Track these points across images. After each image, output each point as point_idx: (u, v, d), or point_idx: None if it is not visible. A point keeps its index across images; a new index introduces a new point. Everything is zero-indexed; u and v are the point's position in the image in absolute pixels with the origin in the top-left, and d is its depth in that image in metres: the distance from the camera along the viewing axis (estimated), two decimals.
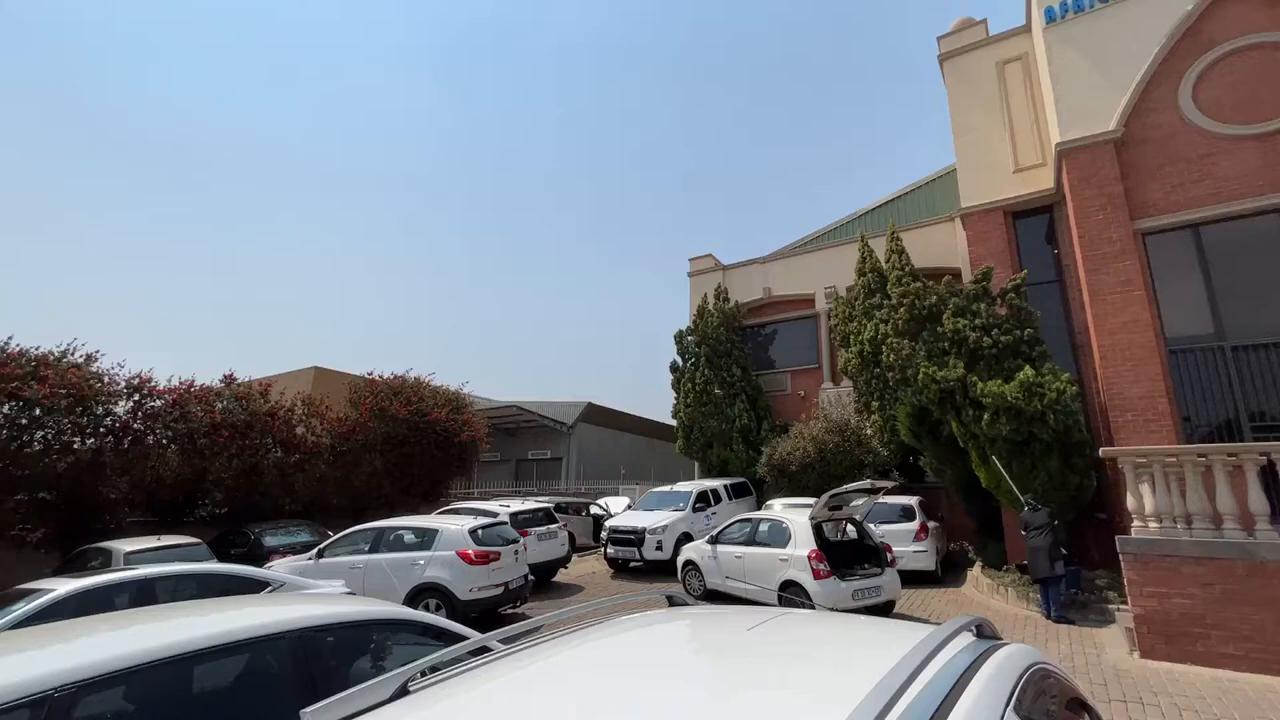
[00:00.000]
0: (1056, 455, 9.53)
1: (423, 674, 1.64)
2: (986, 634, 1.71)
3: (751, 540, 9.53)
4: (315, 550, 9.59)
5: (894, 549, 10.22)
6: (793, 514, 9.50)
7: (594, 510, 18.12)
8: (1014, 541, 10.82)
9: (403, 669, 1.61)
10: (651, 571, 12.91)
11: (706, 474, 17.87)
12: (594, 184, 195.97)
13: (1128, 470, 7.02)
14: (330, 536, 10.30)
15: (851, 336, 15.31)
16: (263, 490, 14.56)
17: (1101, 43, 10.94)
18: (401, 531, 9.59)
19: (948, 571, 12.06)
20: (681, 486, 15.23)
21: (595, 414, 29.52)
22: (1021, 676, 1.46)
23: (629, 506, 17.26)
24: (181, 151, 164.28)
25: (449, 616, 8.31)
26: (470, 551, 8.84)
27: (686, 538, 12.72)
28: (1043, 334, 10.51)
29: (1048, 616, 8.35)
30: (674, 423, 18.90)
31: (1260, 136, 9.62)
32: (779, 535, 9.06)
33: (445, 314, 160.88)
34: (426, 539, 9.17)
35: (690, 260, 21.68)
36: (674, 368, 19.03)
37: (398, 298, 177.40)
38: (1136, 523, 6.86)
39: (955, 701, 1.18)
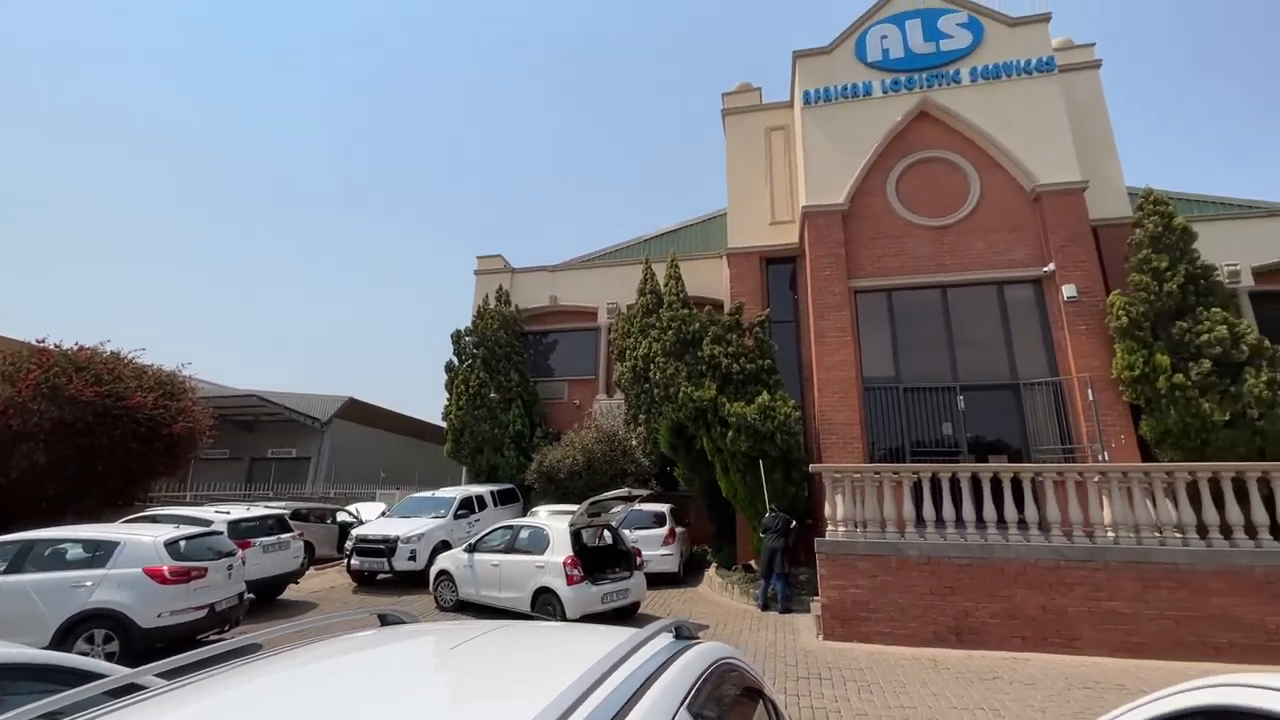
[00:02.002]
0: (780, 469, 11.14)
1: None
2: (684, 634, 1.85)
3: (511, 548, 9.41)
4: None
5: (644, 553, 10.95)
6: (555, 520, 9.63)
7: (343, 517, 16.29)
8: (744, 544, 12.36)
9: None
10: (403, 584, 12.00)
11: (475, 479, 17.29)
12: (386, 173, 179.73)
13: (827, 483, 8.48)
14: None
15: (628, 351, 16.15)
16: None
17: (841, 131, 13.28)
18: (63, 545, 7.51)
19: (690, 572, 13.28)
20: (445, 492, 14.50)
21: (355, 410, 26.74)
22: (704, 673, 1.59)
23: (384, 513, 15.88)
24: None
25: (123, 650, 6.74)
26: (164, 568, 7.26)
27: (445, 546, 12.10)
28: (779, 365, 12.26)
29: (762, 609, 9.66)
30: (445, 425, 17.97)
31: (935, 228, 12.51)
32: (539, 541, 9.09)
33: (203, 297, 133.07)
34: (101, 554, 7.30)
35: (479, 259, 20.98)
36: (449, 368, 18.15)
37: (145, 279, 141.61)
38: (829, 527, 8.30)
39: (636, 703, 1.23)
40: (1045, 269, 11.67)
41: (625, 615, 9.07)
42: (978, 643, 7.37)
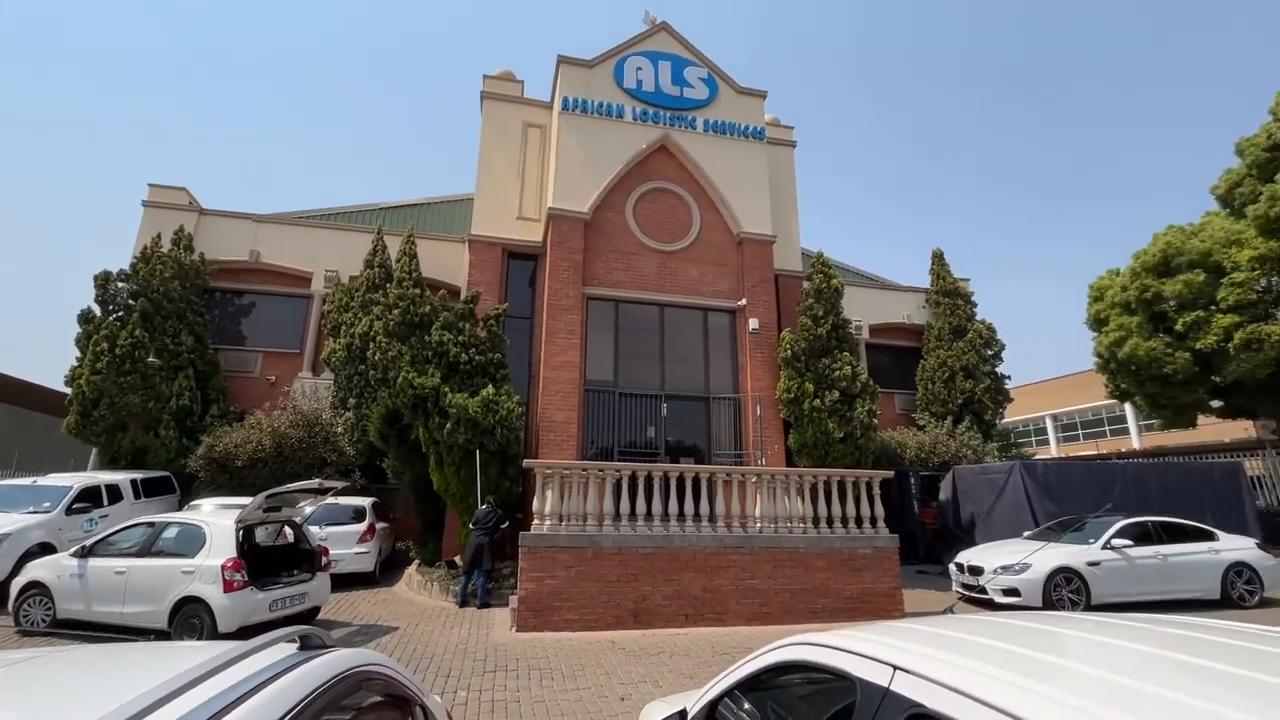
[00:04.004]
0: (497, 464, 11.10)
1: None
2: (312, 644, 1.66)
3: (149, 550, 7.56)
4: None
5: (335, 551, 9.88)
6: (218, 517, 8.04)
7: None
8: (451, 539, 11.99)
9: None
10: None
11: (110, 464, 13.56)
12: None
13: (538, 478, 8.72)
14: None
15: (344, 328, 14.50)
16: None
17: (593, 143, 13.93)
18: None
19: (390, 571, 12.37)
20: (54, 480, 11.07)
21: None
22: (324, 685, 1.44)
23: None
24: None
25: None
26: None
27: (47, 550, 9.25)
28: (509, 360, 12.25)
29: (460, 605, 9.46)
30: (70, 391, 13.73)
31: (661, 252, 13.90)
32: (191, 541, 7.48)
33: None
34: None
35: (152, 187, 16.67)
36: (87, 318, 13.99)
37: None
38: (536, 521, 8.54)
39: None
40: (739, 303, 13.88)
41: (302, 623, 7.99)
42: (650, 622, 8.31)
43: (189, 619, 7.07)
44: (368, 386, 13.45)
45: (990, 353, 18.26)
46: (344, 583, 10.75)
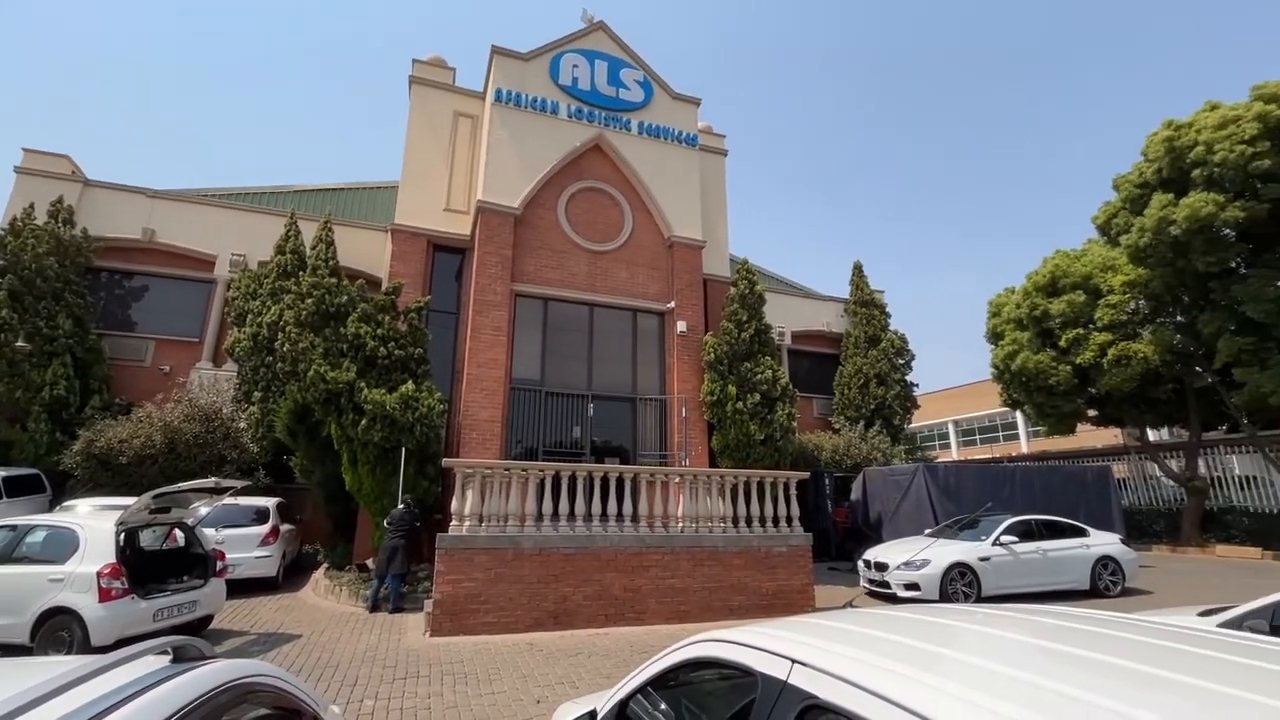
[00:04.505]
0: (415, 463, 10.70)
1: None
2: (188, 655, 1.54)
3: (8, 556, 6.77)
4: None
5: (233, 555, 9.25)
6: (96, 519, 7.31)
7: None
8: (364, 541, 11.46)
9: None
10: None
11: None
12: None
13: (458, 478, 8.47)
14: None
15: (251, 316, 13.58)
16: None
17: (526, 138, 13.71)
18: None
19: (296, 575, 11.67)
20: None
21: None
22: (197, 700, 1.34)
23: None
24: None
25: None
26: None
27: None
28: (431, 356, 11.83)
29: (371, 610, 9.05)
30: None
31: (593, 252, 13.86)
32: (60, 545, 6.75)
33: None
34: None
35: (27, 152, 14.98)
36: None
37: None
38: (454, 522, 8.29)
39: None
40: (668, 305, 14.05)
41: (192, 633, 7.39)
42: (571, 623, 8.26)
43: (56, 632, 6.38)
44: (275, 379, 12.63)
45: (901, 361, 19.37)
46: (244, 589, 10.04)
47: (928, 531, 11.95)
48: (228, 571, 8.28)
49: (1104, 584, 10.86)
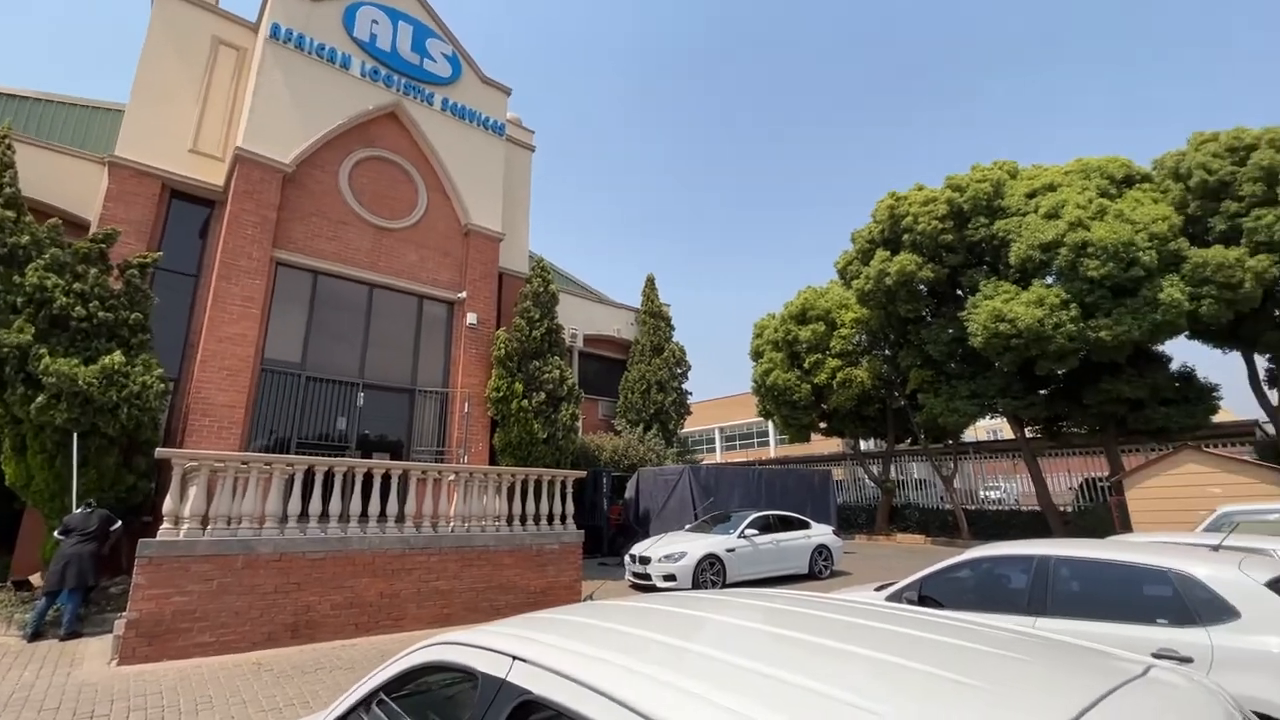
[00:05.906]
0: (117, 452, 8.70)
1: None
2: None
3: None
4: None
5: None
6: None
7: None
8: (29, 551, 9.01)
9: None
10: None
11: None
12: None
13: (177, 472, 7.08)
14: None
15: None
16: None
17: (305, 87, 12.06)
18: None
19: None
20: None
21: None
22: None
23: None
24: None
25: None
26: None
27: None
28: (155, 324, 9.74)
29: (31, 638, 7.11)
30: None
31: (378, 228, 12.69)
32: None
33: None
34: None
35: None
36: None
37: None
38: (167, 525, 6.89)
39: None
40: (459, 295, 13.45)
41: None
42: (313, 636, 7.39)
43: None
44: None
45: (680, 371, 21.04)
46: None
47: (688, 527, 13.12)
48: None
49: (819, 568, 12.96)
